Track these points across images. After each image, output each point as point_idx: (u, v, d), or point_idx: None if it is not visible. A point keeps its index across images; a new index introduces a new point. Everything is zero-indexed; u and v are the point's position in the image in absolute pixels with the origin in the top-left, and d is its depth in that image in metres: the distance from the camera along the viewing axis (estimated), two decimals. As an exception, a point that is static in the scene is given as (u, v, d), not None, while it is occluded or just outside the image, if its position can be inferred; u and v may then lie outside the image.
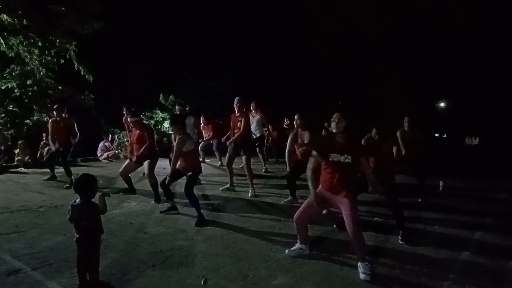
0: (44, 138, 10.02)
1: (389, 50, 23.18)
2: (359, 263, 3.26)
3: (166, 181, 4.96)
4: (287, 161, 5.87)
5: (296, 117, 5.63)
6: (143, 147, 5.91)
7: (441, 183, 7.36)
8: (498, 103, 26.47)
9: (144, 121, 7.53)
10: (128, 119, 6.48)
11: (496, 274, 3.38)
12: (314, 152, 3.53)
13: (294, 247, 3.72)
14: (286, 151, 5.85)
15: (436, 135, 30.34)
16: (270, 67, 18.53)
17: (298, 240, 3.74)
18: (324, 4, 20.59)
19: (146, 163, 5.92)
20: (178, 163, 4.96)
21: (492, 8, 23.01)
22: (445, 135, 32.66)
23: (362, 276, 3.16)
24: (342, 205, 3.36)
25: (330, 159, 3.40)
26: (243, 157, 6.61)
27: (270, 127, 9.76)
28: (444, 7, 23.10)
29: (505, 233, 4.57)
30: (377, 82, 22.80)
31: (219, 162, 10.11)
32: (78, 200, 2.81)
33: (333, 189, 3.43)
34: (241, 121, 6.57)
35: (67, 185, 6.69)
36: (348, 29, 21.55)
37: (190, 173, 4.84)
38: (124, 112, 6.89)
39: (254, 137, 8.54)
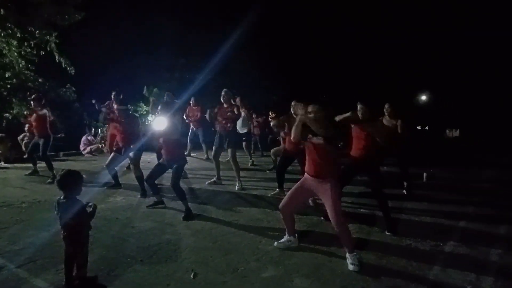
0: (26, 129, 9.78)
1: (371, 44, 23.38)
2: (347, 254, 3.30)
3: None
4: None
5: (292, 103, 5.29)
6: (126, 137, 5.92)
7: (424, 174, 7.50)
8: (478, 96, 27.05)
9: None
10: (115, 106, 6.35)
11: (481, 261, 3.46)
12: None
13: (282, 239, 3.74)
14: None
15: (418, 127, 30.79)
16: (256, 61, 18.42)
17: (286, 232, 3.76)
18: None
19: (131, 155, 5.84)
20: (163, 154, 4.97)
21: (473, 3, 23.43)
22: (426, 128, 33.19)
23: (350, 267, 3.21)
24: (325, 195, 3.37)
25: (308, 140, 3.44)
26: (229, 150, 6.57)
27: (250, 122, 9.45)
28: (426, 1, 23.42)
29: (487, 222, 4.69)
30: (359, 76, 22.97)
31: (205, 155, 10.05)
32: (63, 197, 2.74)
33: (314, 172, 3.44)
34: (230, 112, 6.48)
35: (50, 180, 6.55)
36: (331, 23, 21.59)
37: (175, 166, 4.81)
38: (112, 98, 6.74)
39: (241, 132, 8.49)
